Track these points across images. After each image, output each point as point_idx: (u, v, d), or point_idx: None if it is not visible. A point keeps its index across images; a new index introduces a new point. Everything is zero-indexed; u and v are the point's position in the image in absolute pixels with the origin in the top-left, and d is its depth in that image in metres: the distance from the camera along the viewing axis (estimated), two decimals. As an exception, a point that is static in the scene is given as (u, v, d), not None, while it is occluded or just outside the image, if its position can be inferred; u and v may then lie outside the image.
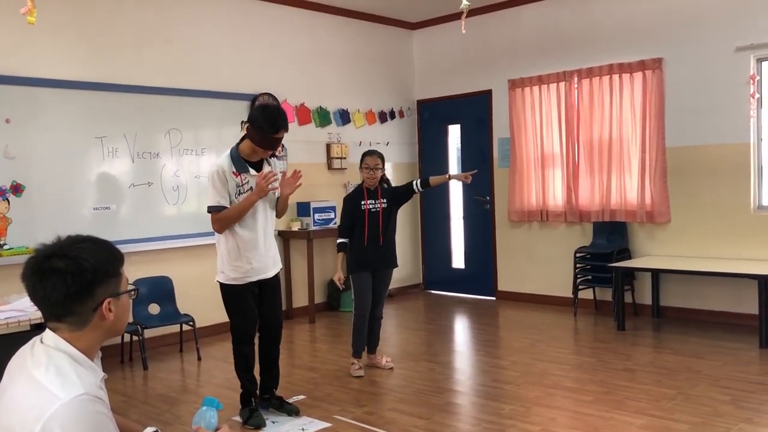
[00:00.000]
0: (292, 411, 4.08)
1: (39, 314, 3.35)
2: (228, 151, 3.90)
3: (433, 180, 5.00)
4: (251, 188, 3.83)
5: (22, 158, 5.07)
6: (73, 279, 1.58)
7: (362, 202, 4.83)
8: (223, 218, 3.80)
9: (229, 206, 3.80)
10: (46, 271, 1.58)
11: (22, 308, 3.49)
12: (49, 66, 5.23)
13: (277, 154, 3.98)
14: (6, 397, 1.58)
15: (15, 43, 5.07)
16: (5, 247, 4.91)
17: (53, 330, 1.64)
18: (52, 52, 5.26)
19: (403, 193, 5.03)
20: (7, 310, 3.47)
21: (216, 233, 3.92)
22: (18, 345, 3.36)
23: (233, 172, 3.81)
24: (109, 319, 1.65)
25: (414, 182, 5.02)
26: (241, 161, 3.84)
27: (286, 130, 3.83)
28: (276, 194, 4.05)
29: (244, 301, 3.92)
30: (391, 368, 4.98)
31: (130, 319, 4.97)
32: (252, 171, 3.87)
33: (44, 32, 5.14)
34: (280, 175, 3.96)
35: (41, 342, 1.64)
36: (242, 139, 3.90)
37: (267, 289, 4.03)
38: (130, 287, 1.74)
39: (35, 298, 1.62)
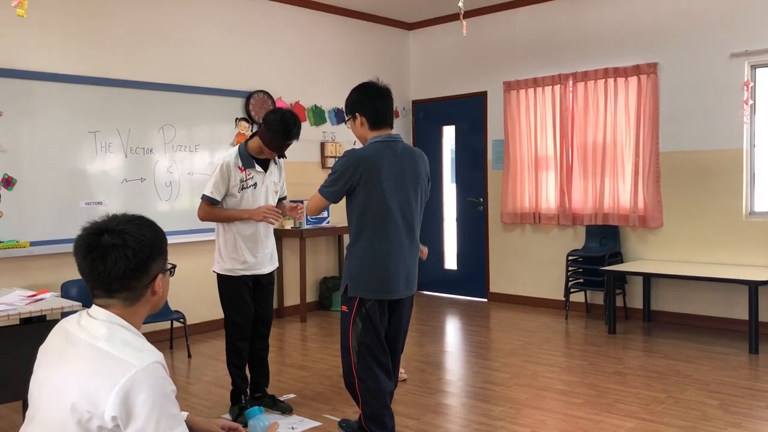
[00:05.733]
0: (285, 409, 4.07)
1: (29, 308, 3.33)
2: (237, 146, 3.98)
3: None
4: (255, 184, 3.93)
5: (14, 151, 5.04)
6: (134, 254, 1.64)
7: None
8: (211, 213, 3.91)
9: (220, 199, 3.88)
10: (105, 246, 1.63)
11: (12, 302, 3.46)
12: (42, 59, 5.20)
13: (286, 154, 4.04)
14: (61, 372, 1.58)
15: (8, 36, 5.04)
16: (-4, 240, 4.88)
17: (104, 307, 1.66)
18: (46, 46, 5.23)
19: None
20: (-4, 304, 3.44)
21: (200, 219, 3.98)
22: (8, 339, 3.34)
23: (239, 167, 3.89)
24: (158, 294, 1.72)
25: None
26: (248, 157, 3.92)
27: (297, 138, 3.90)
28: (278, 196, 4.15)
29: (240, 296, 3.93)
30: (404, 380, 4.65)
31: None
32: (258, 167, 3.95)
33: (38, 25, 5.12)
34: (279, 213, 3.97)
35: (90, 316, 1.66)
36: (252, 136, 3.97)
37: (261, 286, 4.05)
38: (170, 265, 1.80)
39: (92, 275, 1.64)
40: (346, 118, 3.38)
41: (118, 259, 1.62)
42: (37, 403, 1.63)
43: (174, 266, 1.81)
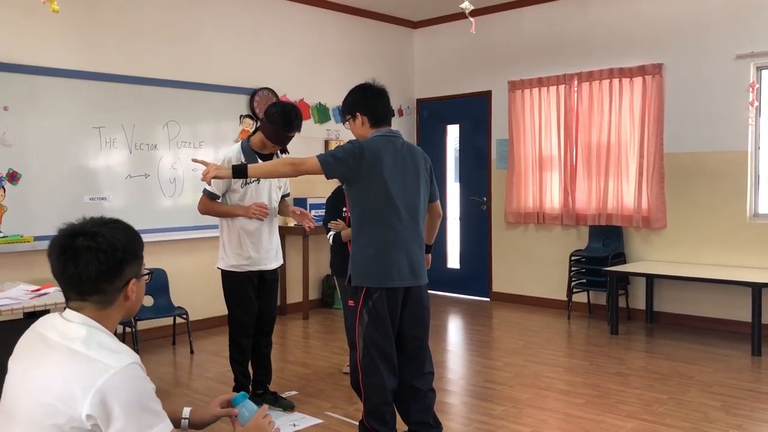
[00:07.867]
0: (287, 406, 4.08)
1: (33, 303, 3.34)
2: (240, 142, 3.99)
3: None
4: (257, 179, 3.91)
5: (19, 146, 5.05)
6: (106, 257, 1.62)
7: (344, 209, 4.44)
8: (210, 207, 3.95)
9: (220, 194, 3.91)
10: (78, 248, 1.61)
11: (16, 296, 3.47)
12: (48, 54, 5.20)
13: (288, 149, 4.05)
14: (35, 374, 1.57)
15: (15, 31, 5.05)
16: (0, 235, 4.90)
17: (77, 310, 1.65)
18: (53, 41, 5.24)
19: None
20: (0, 298, 3.45)
21: (200, 212, 4.01)
22: (11, 333, 3.36)
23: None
24: (131, 299, 1.70)
25: None
26: (251, 153, 3.92)
27: (299, 130, 3.90)
28: (280, 194, 4.12)
29: (244, 292, 3.94)
30: None
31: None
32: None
33: (45, 21, 5.12)
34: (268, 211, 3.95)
35: (64, 319, 1.65)
36: (255, 131, 3.98)
37: (266, 282, 4.06)
38: (146, 271, 1.78)
39: (64, 276, 1.64)
40: (346, 118, 3.38)
41: (90, 262, 1.61)
42: (11, 404, 1.61)
43: (150, 272, 1.79)
